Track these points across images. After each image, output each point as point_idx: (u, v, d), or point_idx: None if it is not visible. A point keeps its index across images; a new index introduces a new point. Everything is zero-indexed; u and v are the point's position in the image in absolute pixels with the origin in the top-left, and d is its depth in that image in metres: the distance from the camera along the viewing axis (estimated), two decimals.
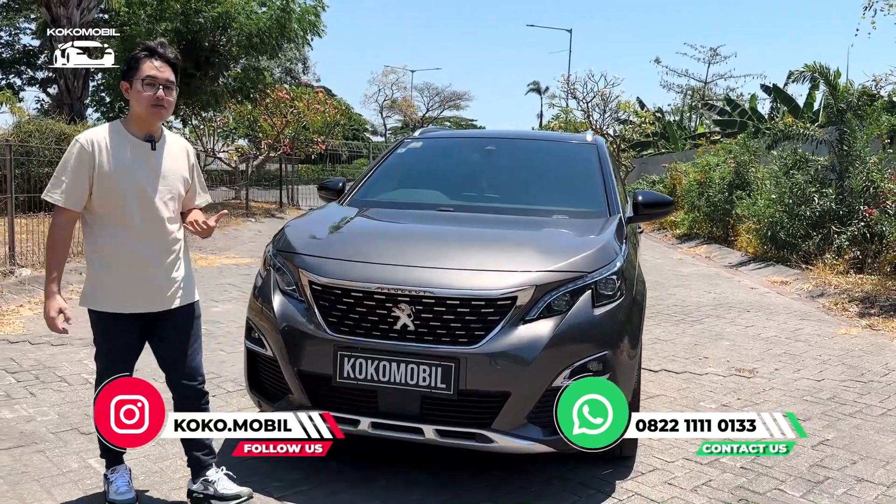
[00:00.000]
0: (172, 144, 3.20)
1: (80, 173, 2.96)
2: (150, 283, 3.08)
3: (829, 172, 11.96)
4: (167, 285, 3.13)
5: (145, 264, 3.06)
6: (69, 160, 2.97)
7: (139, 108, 3.02)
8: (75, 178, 2.97)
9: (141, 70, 2.99)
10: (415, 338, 3.29)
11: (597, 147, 5.06)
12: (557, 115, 27.12)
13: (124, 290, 3.05)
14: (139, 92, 3.00)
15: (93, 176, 2.97)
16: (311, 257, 3.57)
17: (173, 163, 3.16)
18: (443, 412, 3.28)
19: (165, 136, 3.18)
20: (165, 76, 3.02)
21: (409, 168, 5.13)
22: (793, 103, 25.77)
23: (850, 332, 7.41)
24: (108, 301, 3.06)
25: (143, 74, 2.98)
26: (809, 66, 11.54)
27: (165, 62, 3.04)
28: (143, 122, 3.07)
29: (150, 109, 3.01)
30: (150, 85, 2.99)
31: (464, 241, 3.79)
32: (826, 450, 4.22)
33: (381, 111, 63.74)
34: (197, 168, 3.34)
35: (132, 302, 3.07)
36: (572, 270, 3.40)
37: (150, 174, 3.07)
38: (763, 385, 5.47)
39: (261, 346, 3.60)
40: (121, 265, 3.04)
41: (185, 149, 3.28)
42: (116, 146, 3.02)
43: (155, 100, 2.99)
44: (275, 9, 16.82)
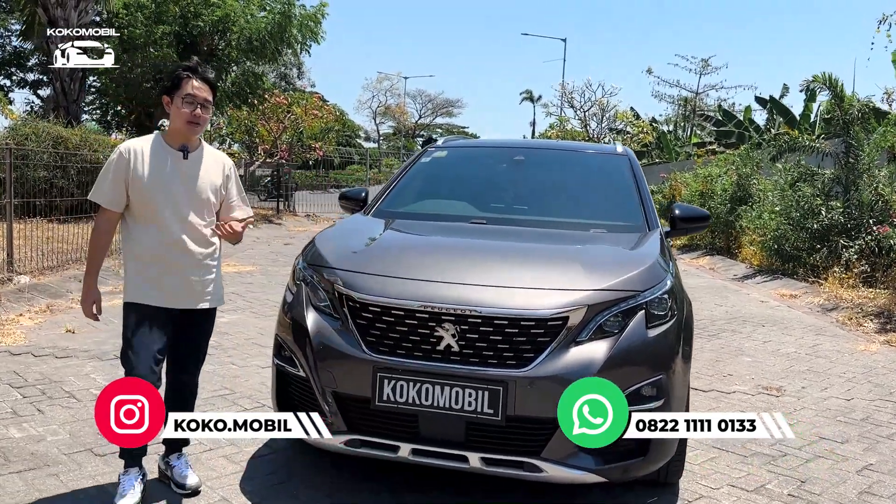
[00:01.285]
0: (208, 156, 3.44)
1: (118, 178, 3.24)
2: (180, 282, 3.31)
3: (835, 185, 11.89)
4: (197, 286, 3.37)
5: (175, 265, 3.29)
6: (110, 166, 3.26)
7: (177, 122, 3.29)
8: (114, 181, 3.25)
9: (182, 88, 3.26)
10: (459, 359, 3.10)
11: (628, 158, 4.90)
12: (554, 123, 27.04)
13: (155, 286, 3.28)
14: (178, 108, 3.26)
15: (128, 181, 3.24)
16: (348, 272, 3.38)
17: (206, 173, 3.39)
18: (489, 439, 3.10)
19: (203, 148, 3.43)
20: (203, 95, 3.29)
21: (435, 178, 4.95)
22: (789, 115, 25.79)
23: (870, 348, 7.29)
24: (140, 294, 3.28)
25: (184, 93, 3.25)
26: (818, 76, 11.45)
27: (205, 82, 3.31)
28: (179, 135, 3.32)
29: (186, 126, 3.28)
30: (189, 103, 3.25)
31: (508, 257, 3.60)
32: (872, 475, 4.07)
33: (374, 117, 63.66)
34: (236, 182, 3.55)
35: (162, 297, 3.29)
36: (625, 289, 3.23)
37: (182, 182, 3.31)
38: (794, 404, 5.32)
39: (292, 366, 3.41)
40: (153, 264, 3.28)
41: (222, 162, 3.50)
42: (153, 155, 3.28)
43: (192, 116, 3.26)
44: (275, 13, 16.62)
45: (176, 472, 3.49)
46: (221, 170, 3.45)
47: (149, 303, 3.27)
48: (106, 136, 13.92)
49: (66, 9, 14.43)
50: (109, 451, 3.87)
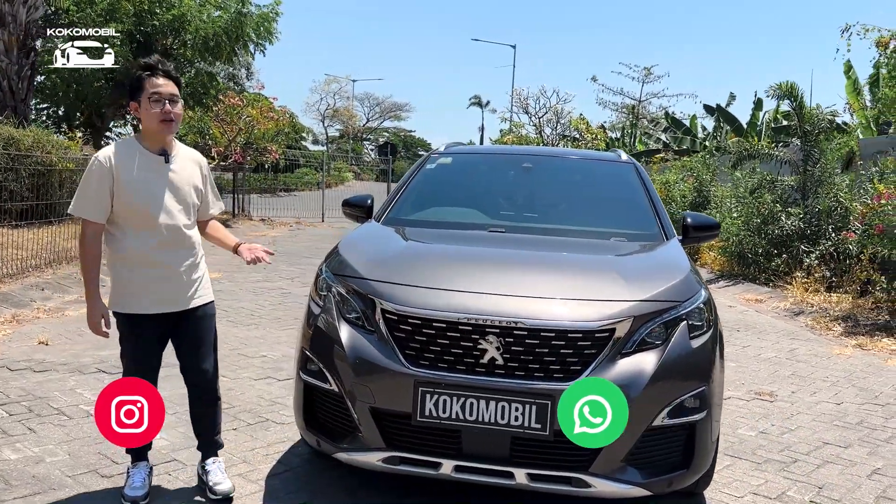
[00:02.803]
0: (185, 157, 3.41)
1: (101, 188, 3.16)
2: (169, 285, 3.28)
3: (793, 192, 12.23)
4: (186, 287, 3.34)
5: (164, 269, 3.26)
6: (90, 177, 3.17)
7: (150, 123, 3.20)
8: (97, 192, 3.16)
9: (146, 88, 3.17)
10: (504, 373, 3.03)
11: (635, 166, 4.91)
12: (509, 129, 27.17)
13: (145, 293, 3.24)
14: (147, 109, 3.18)
15: (112, 189, 3.17)
16: (383, 283, 3.26)
17: (187, 175, 3.37)
18: (536, 454, 3.03)
19: (179, 149, 3.38)
20: (169, 90, 3.21)
21: (443, 185, 4.86)
22: (736, 123, 26.51)
23: (844, 351, 7.49)
24: (130, 303, 3.24)
25: (149, 92, 3.17)
26: (781, 85, 11.76)
27: (167, 77, 3.23)
28: (155, 136, 3.25)
29: (160, 124, 3.20)
30: (156, 101, 3.17)
31: (545, 267, 3.53)
32: (883, 479, 4.14)
33: (322, 120, 63.01)
34: (210, 179, 3.56)
35: (153, 303, 3.25)
36: (667, 300, 3.21)
37: (164, 186, 3.27)
38: (789, 410, 5.41)
39: (322, 381, 3.27)
40: (141, 270, 3.22)
41: (199, 162, 3.48)
42: (132, 161, 3.21)
43: (163, 114, 3.18)
44: (231, 13, 16.24)
45: (210, 477, 3.48)
46: (199, 170, 3.46)
47: (138, 311, 3.25)
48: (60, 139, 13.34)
49: (13, 4, 13.80)
50: (116, 472, 3.67)
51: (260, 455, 4.02)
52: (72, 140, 13.60)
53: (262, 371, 5.69)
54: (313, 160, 38.38)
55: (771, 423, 5.08)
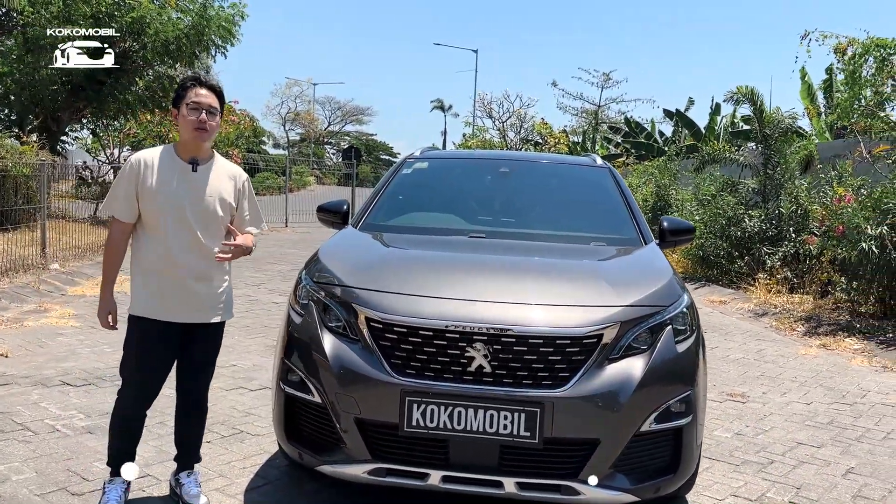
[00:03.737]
0: (220, 169, 3.37)
1: (129, 189, 3.22)
2: (186, 295, 3.25)
3: (754, 195, 12.46)
4: (205, 300, 3.30)
5: (182, 278, 3.23)
6: (121, 177, 3.25)
7: (185, 130, 3.26)
8: (125, 193, 3.23)
9: (188, 97, 3.23)
10: (492, 381, 2.99)
11: (610, 171, 4.92)
12: (474, 133, 27.23)
13: (161, 300, 3.22)
14: (184, 116, 3.23)
15: (139, 192, 3.21)
16: (367, 291, 3.20)
17: (216, 186, 3.31)
18: (525, 463, 2.99)
19: (215, 160, 3.37)
20: (209, 102, 3.24)
21: (420, 190, 4.81)
22: (694, 127, 26.91)
23: (809, 352, 7.62)
24: (145, 308, 3.24)
25: (189, 100, 3.22)
26: (741, 88, 11.97)
27: (209, 90, 3.28)
28: (188, 144, 3.28)
29: (193, 132, 3.22)
30: (194, 109, 3.21)
31: (529, 273, 3.50)
32: (857, 479, 4.20)
33: (283, 123, 62.40)
34: (249, 197, 3.48)
35: (168, 311, 3.23)
36: (652, 305, 3.21)
37: (190, 195, 3.24)
38: (761, 410, 5.47)
39: (304, 392, 3.19)
40: (159, 276, 3.23)
41: (234, 175, 3.42)
42: (163, 167, 3.24)
43: (198, 123, 3.20)
44: (193, 15, 15.94)
45: (185, 490, 3.42)
46: (233, 184, 3.38)
47: (153, 317, 3.22)
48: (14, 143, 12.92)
49: None
50: (87, 490, 3.54)
51: (237, 468, 3.92)
52: (25, 145, 13.20)
53: (234, 381, 5.57)
54: (273, 164, 37.95)
55: (745, 424, 5.13)
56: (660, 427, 3.05)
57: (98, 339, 6.61)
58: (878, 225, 8.31)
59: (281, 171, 37.63)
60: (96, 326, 7.09)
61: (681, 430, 3.12)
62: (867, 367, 7.00)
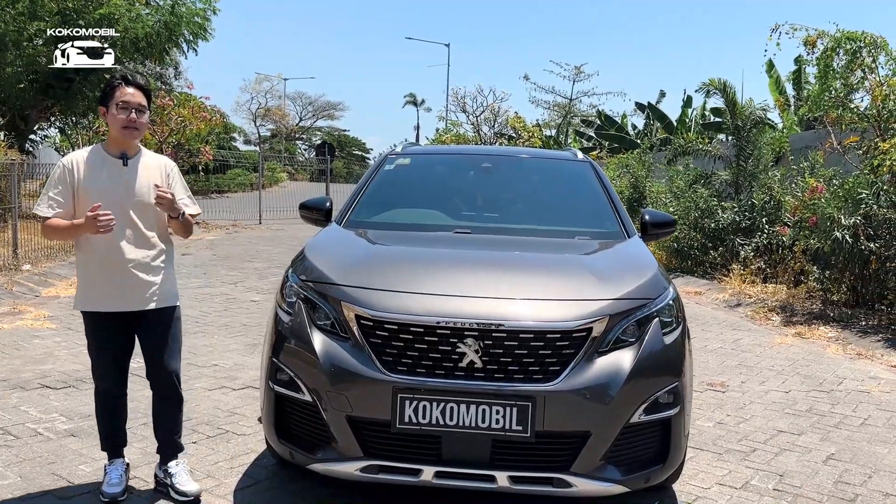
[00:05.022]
0: (148, 161, 3.53)
1: (64, 189, 3.35)
2: (126, 285, 3.38)
3: (727, 187, 12.62)
4: (144, 288, 3.42)
5: (122, 268, 3.37)
6: (53, 178, 3.38)
7: (114, 129, 3.39)
8: (59, 192, 3.34)
9: (115, 96, 3.36)
10: (483, 376, 3.00)
11: (591, 164, 4.95)
12: (448, 128, 27.21)
13: (104, 291, 3.37)
14: (114, 115, 3.36)
15: (75, 191, 3.35)
16: (356, 288, 3.19)
17: (147, 177, 3.47)
18: (517, 456, 3.01)
19: (142, 154, 3.53)
20: (138, 101, 3.39)
21: (403, 187, 4.79)
22: (666, 120, 27.17)
23: (785, 341, 7.75)
24: (91, 301, 3.40)
25: (118, 99, 3.35)
26: (713, 81, 12.10)
27: (138, 88, 3.42)
28: (117, 142, 3.43)
29: (123, 131, 3.37)
30: (123, 108, 3.34)
31: (517, 268, 3.52)
32: (838, 465, 4.29)
33: (254, 119, 61.81)
34: (180, 183, 3.63)
35: (110, 302, 3.38)
36: (639, 297, 3.24)
37: (123, 187, 3.40)
38: (741, 399, 5.56)
39: (294, 390, 3.18)
40: (101, 268, 3.37)
41: (162, 166, 3.58)
42: (94, 164, 3.40)
43: (128, 122, 3.35)
44: (164, 12, 15.74)
45: (176, 479, 3.51)
46: (161, 173, 3.53)
47: (99, 309, 3.39)
48: None
49: None
50: (74, 494, 3.50)
51: (224, 469, 3.89)
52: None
53: (216, 381, 5.53)
54: (244, 161, 37.55)
55: (726, 413, 5.21)
56: (649, 418, 3.09)
57: (75, 342, 6.51)
58: (852, 215, 8.45)
59: (252, 167, 37.28)
60: (73, 328, 7.03)
61: (669, 420, 3.16)
62: (842, 355, 7.14)
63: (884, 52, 8.90)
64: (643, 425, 3.11)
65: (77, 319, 7.48)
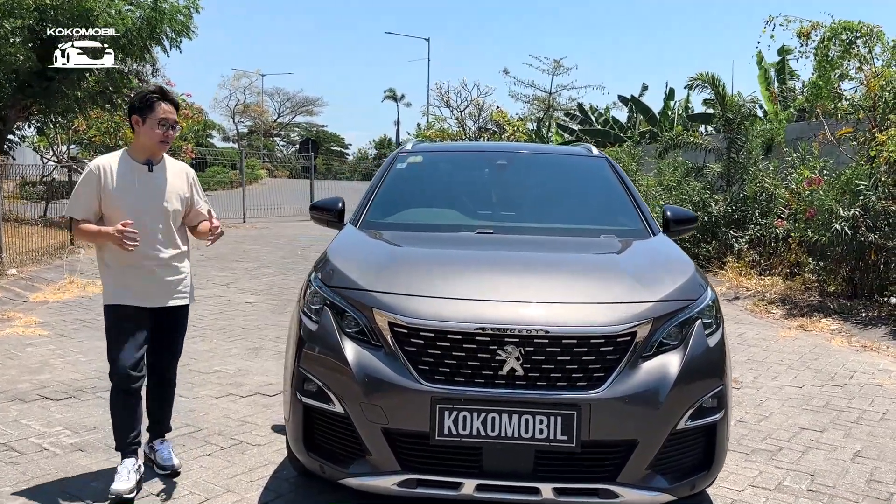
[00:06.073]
0: (172, 167, 3.74)
1: (90, 193, 3.54)
2: (153, 283, 3.60)
3: (719, 179, 12.60)
4: (166, 286, 3.65)
5: (148, 268, 3.59)
6: (81, 182, 3.58)
7: (148, 141, 3.58)
8: (85, 196, 3.55)
9: (155, 112, 3.54)
10: (525, 384, 2.88)
11: (606, 160, 4.84)
12: (432, 123, 27.01)
13: (130, 288, 3.56)
14: (151, 129, 3.55)
15: (100, 195, 3.53)
16: (388, 294, 3.04)
17: (171, 183, 3.69)
18: (561, 467, 2.90)
19: (165, 160, 3.72)
20: (173, 118, 3.62)
21: (417, 185, 4.64)
22: (650, 113, 27.16)
23: (789, 334, 7.72)
24: (117, 296, 3.56)
25: (158, 116, 3.54)
26: (702, 74, 12.07)
27: (173, 105, 3.63)
28: (146, 150, 3.62)
29: (159, 145, 3.61)
30: (162, 125, 3.56)
31: (552, 270, 3.39)
32: (867, 462, 4.23)
33: (232, 116, 61.09)
34: (199, 188, 3.87)
35: (133, 297, 3.56)
36: (681, 299, 3.13)
37: (147, 192, 3.61)
38: (757, 396, 5.49)
39: (324, 402, 3.03)
40: (125, 268, 3.55)
41: (185, 171, 3.81)
42: (121, 171, 3.57)
43: (164, 137, 3.59)
44: (145, 8, 15.37)
45: (159, 455, 3.79)
46: (185, 178, 3.76)
47: (125, 303, 3.55)
48: None
49: None
50: None
51: (244, 482, 3.73)
52: None
53: (222, 388, 5.36)
54: (222, 158, 37.06)
55: (745, 410, 5.14)
56: (695, 424, 2.99)
57: (70, 349, 6.31)
58: (850, 206, 8.44)
59: (231, 164, 36.77)
60: (66, 335, 6.81)
61: (714, 425, 3.06)
62: (848, 348, 7.11)
63: (880, 42, 8.88)
64: (689, 431, 3.00)
65: (70, 326, 7.27)
